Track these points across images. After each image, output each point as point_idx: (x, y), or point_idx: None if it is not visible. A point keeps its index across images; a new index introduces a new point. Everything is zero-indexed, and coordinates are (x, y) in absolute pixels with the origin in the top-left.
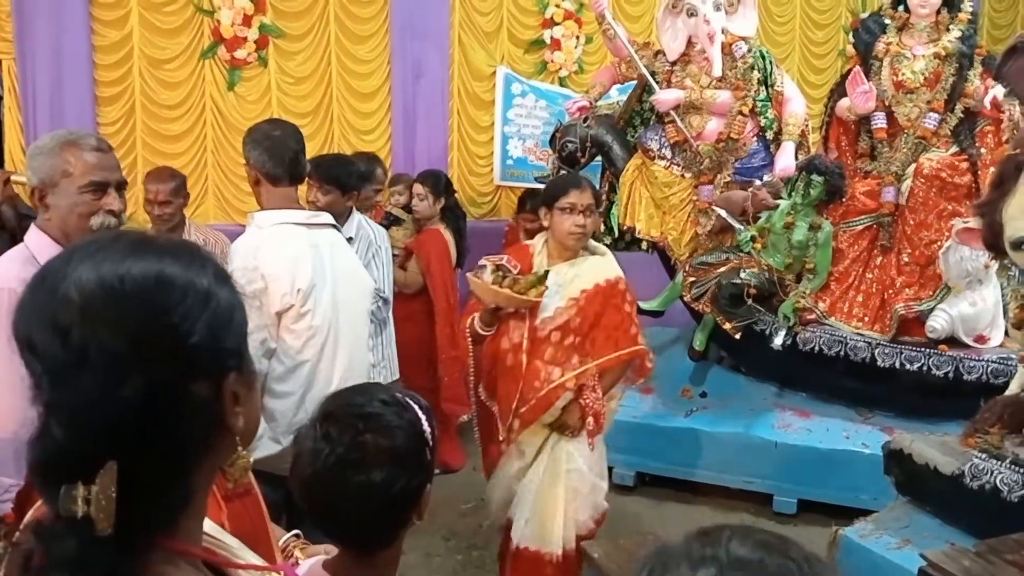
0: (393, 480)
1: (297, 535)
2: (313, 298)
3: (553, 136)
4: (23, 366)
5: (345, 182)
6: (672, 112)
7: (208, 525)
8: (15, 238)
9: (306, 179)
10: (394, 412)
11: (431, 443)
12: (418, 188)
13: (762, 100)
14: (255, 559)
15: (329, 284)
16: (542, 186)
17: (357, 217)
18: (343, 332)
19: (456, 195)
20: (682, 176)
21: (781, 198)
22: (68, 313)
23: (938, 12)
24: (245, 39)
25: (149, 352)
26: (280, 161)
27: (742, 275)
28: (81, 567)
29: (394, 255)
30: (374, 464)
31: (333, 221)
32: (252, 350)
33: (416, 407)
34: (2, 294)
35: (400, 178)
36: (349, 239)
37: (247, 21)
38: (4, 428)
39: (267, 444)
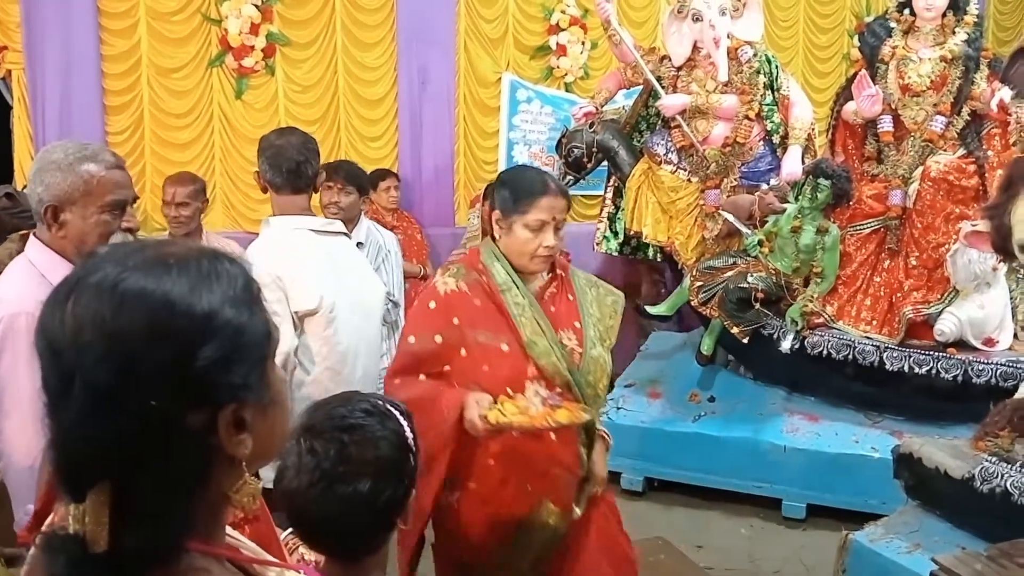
0: (379, 491)
1: (292, 532)
2: (337, 305)
3: (559, 142)
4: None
5: (364, 184)
6: (678, 117)
7: (228, 529)
8: None
9: (326, 182)
10: (377, 422)
11: (414, 449)
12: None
13: (768, 104)
14: (273, 560)
15: (347, 292)
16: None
17: (365, 223)
18: (361, 339)
19: None
20: (688, 180)
21: (788, 202)
22: (62, 338)
23: (944, 15)
24: (252, 48)
25: (135, 386)
26: (279, 170)
27: (749, 279)
28: None
29: None
30: (360, 476)
31: (344, 229)
32: (281, 362)
33: (398, 414)
34: (20, 319)
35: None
36: (359, 244)
37: (254, 30)
38: (28, 456)
39: None
